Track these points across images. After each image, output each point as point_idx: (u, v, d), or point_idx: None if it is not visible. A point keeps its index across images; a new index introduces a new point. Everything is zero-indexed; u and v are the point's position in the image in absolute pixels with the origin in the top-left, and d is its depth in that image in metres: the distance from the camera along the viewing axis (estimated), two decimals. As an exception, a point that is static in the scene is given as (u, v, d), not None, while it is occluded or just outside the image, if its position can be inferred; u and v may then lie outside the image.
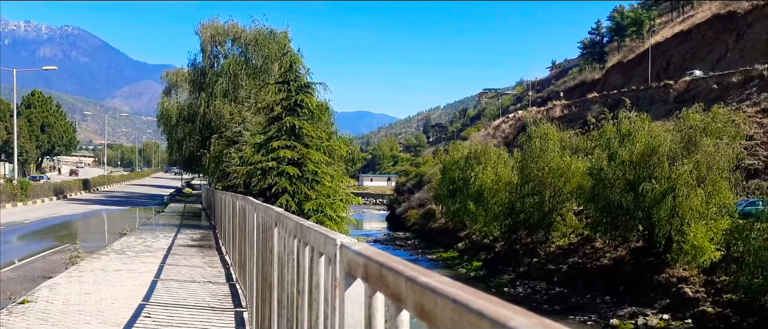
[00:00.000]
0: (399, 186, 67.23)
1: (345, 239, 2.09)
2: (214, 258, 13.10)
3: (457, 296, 0.99)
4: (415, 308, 1.18)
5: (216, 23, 34.76)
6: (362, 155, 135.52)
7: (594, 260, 25.05)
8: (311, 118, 17.52)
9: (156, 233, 18.82)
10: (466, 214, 34.35)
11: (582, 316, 20.56)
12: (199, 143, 35.10)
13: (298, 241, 3.15)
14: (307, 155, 16.63)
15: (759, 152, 31.71)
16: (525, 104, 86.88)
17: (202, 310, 7.79)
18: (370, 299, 1.66)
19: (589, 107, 53.28)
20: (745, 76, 41.01)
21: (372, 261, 1.57)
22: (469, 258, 32.55)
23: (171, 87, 41.50)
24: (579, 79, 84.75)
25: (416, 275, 1.22)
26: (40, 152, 72.76)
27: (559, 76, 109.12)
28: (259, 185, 16.56)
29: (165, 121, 40.64)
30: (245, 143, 20.86)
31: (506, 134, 62.76)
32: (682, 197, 20.65)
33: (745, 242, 18.23)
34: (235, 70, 32.54)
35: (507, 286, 25.96)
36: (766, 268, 17.16)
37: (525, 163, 29.41)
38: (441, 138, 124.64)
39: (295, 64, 17.66)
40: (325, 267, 2.45)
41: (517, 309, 0.87)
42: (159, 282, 9.98)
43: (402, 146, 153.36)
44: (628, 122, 23.81)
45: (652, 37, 69.62)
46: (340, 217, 17.24)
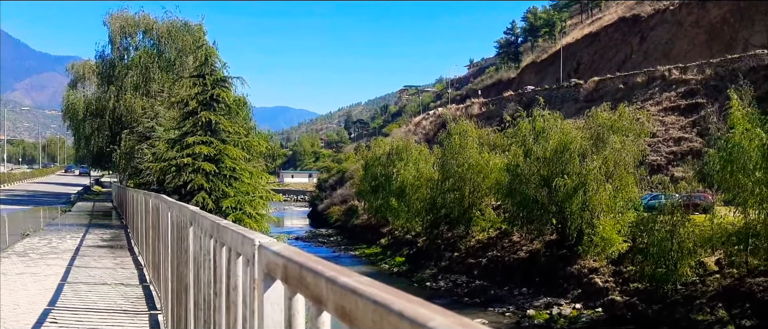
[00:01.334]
0: (321, 183, 66.95)
1: (264, 240, 2.03)
2: (127, 258, 12.56)
3: (378, 297, 0.98)
4: (336, 309, 1.17)
5: (126, 14, 33.30)
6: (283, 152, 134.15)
7: (511, 253, 25.94)
8: (228, 113, 17.12)
9: (62, 233, 17.80)
10: (389, 210, 34.68)
11: (500, 308, 21.26)
12: (109, 138, 33.54)
13: (215, 241, 3.05)
14: (225, 151, 16.24)
15: (661, 148, 33.92)
16: (445, 102, 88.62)
17: (114, 314, 7.45)
18: (290, 300, 1.63)
19: (505, 105, 55.00)
20: (649, 76, 43.63)
21: (292, 262, 1.54)
22: (391, 254, 32.89)
23: (77, 80, 39.39)
24: (495, 77, 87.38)
25: (336, 275, 1.20)
26: (-71, 149, 67.24)
27: (477, 74, 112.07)
28: (174, 182, 16.03)
29: (71, 115, 38.56)
30: (158, 139, 20.13)
31: (427, 131, 63.74)
32: (592, 191, 21.73)
33: (649, 234, 19.42)
34: (146, 62, 31.32)
35: (429, 281, 26.43)
36: (668, 258, 18.35)
37: (445, 159, 30.01)
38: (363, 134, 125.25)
39: (210, 57, 17.20)
40: (243, 268, 2.38)
41: (437, 309, 0.88)
42: (66, 285, 9.46)
43: (323, 142, 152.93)
44: (541, 120, 24.80)
45: (563, 38, 72.82)
46: (260, 214, 16.97)
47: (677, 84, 40.43)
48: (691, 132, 35.11)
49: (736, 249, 18.22)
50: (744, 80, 27.76)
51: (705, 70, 39.93)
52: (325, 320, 1.38)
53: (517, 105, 48.91)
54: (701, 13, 52.54)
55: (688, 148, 33.46)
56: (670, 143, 34.65)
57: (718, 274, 18.54)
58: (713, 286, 18.06)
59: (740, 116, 18.34)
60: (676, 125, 36.30)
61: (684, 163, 31.20)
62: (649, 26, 58.41)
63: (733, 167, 17.84)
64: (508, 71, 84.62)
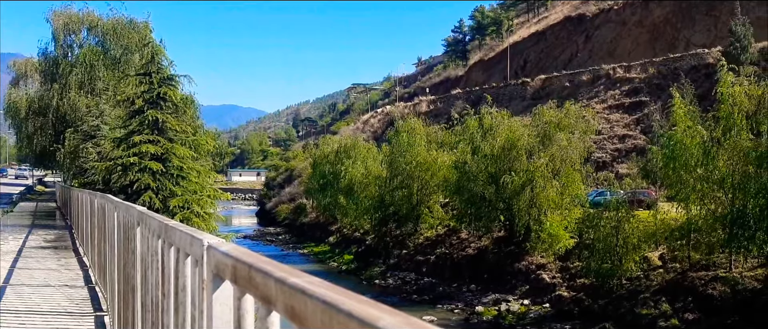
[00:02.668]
0: (269, 181, 66.29)
1: (212, 240, 2.03)
2: (71, 259, 12.20)
3: (327, 297, 1.00)
4: (286, 309, 1.18)
5: (69, 11, 32.23)
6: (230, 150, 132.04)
7: (460, 250, 26.29)
8: (175, 111, 16.77)
9: (4, 235, 17.08)
10: (337, 208, 34.64)
11: (449, 305, 21.51)
12: (53, 137, 32.37)
13: (163, 242, 3.02)
14: (172, 150, 15.91)
15: (606, 145, 34.97)
16: (393, 99, 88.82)
17: (58, 316, 7.25)
18: (239, 301, 1.63)
19: (453, 103, 55.61)
20: (594, 75, 44.91)
21: (240, 262, 1.54)
22: (340, 252, 32.86)
23: (19, 78, 37.92)
24: (444, 75, 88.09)
25: (285, 276, 1.21)
26: None
27: (424, 72, 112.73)
28: (120, 181, 15.62)
29: (13, 114, 37.08)
30: (104, 138, 19.56)
31: (375, 129, 63.89)
32: (539, 188, 22.21)
33: (595, 230, 19.90)
34: (91, 60, 30.40)
35: (378, 278, 26.53)
36: (614, 254, 18.86)
37: (393, 157, 30.14)
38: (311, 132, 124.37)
39: (157, 55, 16.82)
40: (191, 268, 2.37)
41: (386, 309, 0.90)
42: (8, 287, 9.13)
43: (271, 140, 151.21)
44: (489, 117, 25.21)
45: (511, 37, 74.10)
46: (208, 214, 16.70)
47: (621, 82, 41.72)
48: (635, 130, 36.28)
49: (678, 244, 18.83)
50: (686, 79, 28.92)
51: (648, 69, 41.37)
52: (275, 320, 1.38)
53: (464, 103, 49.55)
54: (644, 13, 54.28)
55: (632, 145, 34.54)
56: (615, 141, 35.76)
57: (661, 269, 19.14)
58: (657, 281, 18.61)
59: (682, 114, 18.94)
60: (620, 123, 37.48)
61: (628, 160, 32.17)
62: (594, 25, 60.03)
63: (676, 163, 18.39)
64: (456, 69, 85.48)
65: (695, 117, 19.02)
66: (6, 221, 22.89)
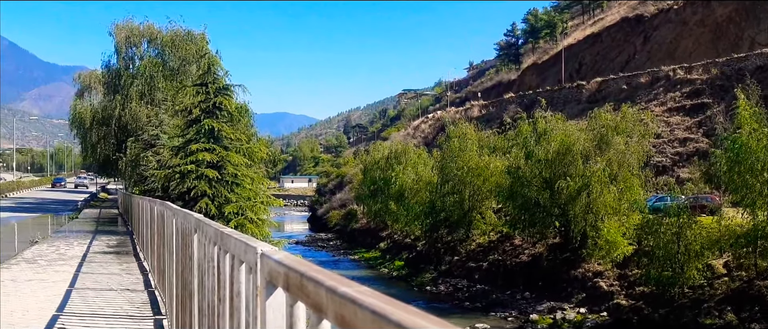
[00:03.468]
0: (320, 187, 67.01)
1: (266, 248, 2.06)
2: (132, 264, 12.63)
3: (377, 306, 1.00)
4: (336, 318, 1.19)
5: (131, 24, 33.52)
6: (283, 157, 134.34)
7: (513, 257, 25.88)
8: (230, 120, 17.19)
9: (70, 240, 17.89)
10: (388, 214, 34.66)
11: (503, 312, 21.18)
12: (115, 146, 33.70)
13: (219, 248, 3.09)
14: (227, 157, 16.29)
15: (666, 149, 33.79)
16: (444, 105, 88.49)
17: (119, 319, 7.52)
18: (291, 308, 1.65)
19: (505, 107, 54.94)
20: (653, 76, 43.53)
21: (292, 271, 1.56)
22: (391, 258, 32.85)
23: (84, 89, 39.64)
24: (496, 79, 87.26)
25: (336, 285, 1.22)
26: (-63, 158, 67.59)
27: (476, 76, 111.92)
28: (178, 189, 16.09)
29: (78, 124, 38.78)
30: (163, 146, 20.22)
31: (426, 134, 63.71)
32: (595, 194, 21.65)
33: (655, 237, 19.23)
34: (151, 72, 31.52)
35: (429, 285, 26.38)
36: (675, 261, 18.21)
37: (444, 162, 29.97)
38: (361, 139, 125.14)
39: (213, 66, 17.28)
40: (246, 275, 2.42)
41: (434, 319, 0.89)
42: (74, 291, 9.54)
43: (322, 147, 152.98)
44: (543, 121, 24.75)
45: (565, 40, 72.72)
46: (262, 220, 17.01)
47: (682, 84, 40.30)
48: (697, 133, 34.95)
49: (744, 251, 18.07)
50: (751, 79, 27.64)
51: (710, 69, 39.81)
52: (326, 328, 1.39)
53: (517, 107, 48.91)
54: (706, 12, 52.30)
55: (694, 149, 33.29)
56: (675, 144, 34.53)
57: (726, 277, 18.38)
58: (721, 289, 17.89)
59: (747, 116, 18.24)
60: (681, 126, 36.18)
61: (690, 164, 31.07)
62: (653, 26, 58.24)
63: (741, 167, 17.72)
64: (509, 73, 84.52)
65: (761, 119, 18.25)
66: (72, 226, 23.96)
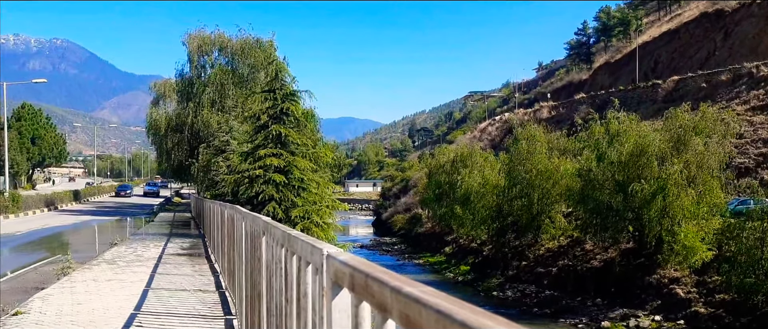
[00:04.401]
0: (385, 191, 67.26)
1: (331, 249, 2.10)
2: (204, 266, 13.05)
3: (441, 306, 1.00)
4: (401, 318, 1.20)
5: (203, 33, 34.77)
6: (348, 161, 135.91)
7: (584, 262, 25.15)
8: (297, 125, 17.49)
9: (146, 242, 18.73)
10: (453, 218, 34.37)
11: (573, 319, 20.60)
12: (188, 152, 35.02)
13: (286, 250, 3.14)
14: (293, 162, 16.59)
15: (749, 150, 31.97)
16: (511, 106, 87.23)
17: (192, 318, 7.77)
18: (356, 308, 1.67)
19: (576, 108, 53.59)
20: (734, 74, 41.38)
21: (358, 271, 1.59)
22: (456, 262, 32.57)
23: (159, 97, 41.42)
24: (566, 80, 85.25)
25: (401, 285, 1.23)
26: (30, 165, 72.14)
27: (545, 77, 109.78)
28: (247, 193, 16.52)
29: (154, 131, 40.53)
30: (233, 152, 20.82)
31: (493, 137, 62.96)
32: (672, 197, 20.76)
33: (737, 242, 18.23)
34: (221, 79, 32.56)
35: (496, 290, 25.98)
36: (758, 267, 17.21)
37: (512, 165, 29.45)
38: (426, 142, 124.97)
39: (280, 72, 17.65)
40: (312, 276, 2.45)
41: (500, 320, 0.89)
42: (150, 291, 9.95)
43: (387, 151, 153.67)
44: (616, 122, 23.93)
45: (640, 37, 70.21)
46: (327, 223, 17.21)
47: (766, 81, 38.17)
48: (783, 133, 32.93)
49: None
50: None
51: (797, 66, 37.52)
52: (390, 328, 1.40)
53: (589, 108, 47.59)
54: (792, 6, 49.36)
55: (779, 149, 31.39)
56: (759, 145, 32.62)
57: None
58: (811, 297, 16.83)
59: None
60: (765, 125, 34.19)
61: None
62: (734, 21, 55.32)
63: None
64: (580, 73, 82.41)
65: None
66: (148, 229, 25.06)
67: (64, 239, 24.24)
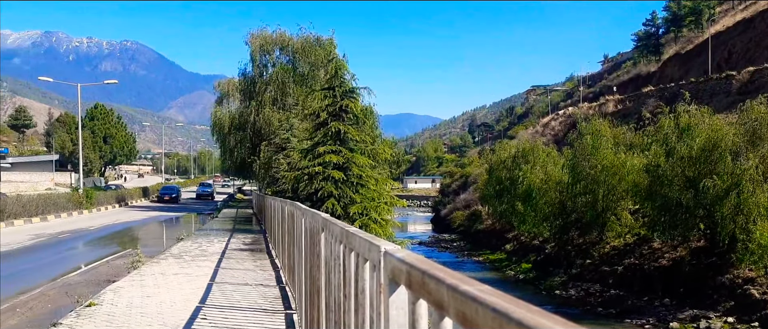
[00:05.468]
0: (444, 188, 66.92)
1: (389, 246, 2.10)
2: (265, 261, 13.34)
3: (498, 305, 1.00)
4: (457, 316, 1.20)
5: (265, 33, 35.43)
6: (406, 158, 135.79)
7: (652, 261, 24.28)
8: (356, 122, 17.61)
9: (210, 237, 19.32)
10: (514, 215, 33.85)
11: (639, 319, 19.93)
12: (250, 150, 35.82)
13: (344, 247, 3.16)
14: (352, 159, 16.71)
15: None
16: (575, 100, 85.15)
17: (254, 312, 7.96)
18: (413, 305, 1.68)
19: (644, 102, 51.82)
20: (815, 65, 39.00)
21: (415, 269, 1.59)
22: (517, 260, 32.06)
23: (223, 97, 42.55)
24: (633, 72, 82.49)
25: (457, 283, 1.23)
26: (103, 162, 75.73)
27: (611, 70, 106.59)
28: (306, 189, 16.76)
29: (218, 129, 41.68)
30: (293, 149, 21.16)
31: (556, 132, 61.65)
32: (747, 193, 19.75)
33: (818, 241, 17.22)
34: (282, 78, 33.12)
35: (558, 288, 25.44)
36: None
37: (576, 161, 28.73)
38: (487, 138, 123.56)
39: (340, 70, 17.79)
40: (369, 272, 2.46)
41: (558, 319, 0.87)
42: (214, 285, 10.25)
43: (446, 147, 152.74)
44: (686, 115, 22.96)
45: (712, 27, 67.08)
46: (385, 220, 17.24)
47: None
48: None
49: None
50: None
51: None
52: (447, 326, 1.40)
53: (657, 101, 45.93)
54: None
55: None
56: (840, 139, 30.65)
57: None
58: None
59: None
60: None
61: None
62: (813, 9, 52.18)
63: None
64: (648, 65, 79.52)
65: None
66: (212, 225, 25.83)
67: (133, 234, 25.29)
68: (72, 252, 18.73)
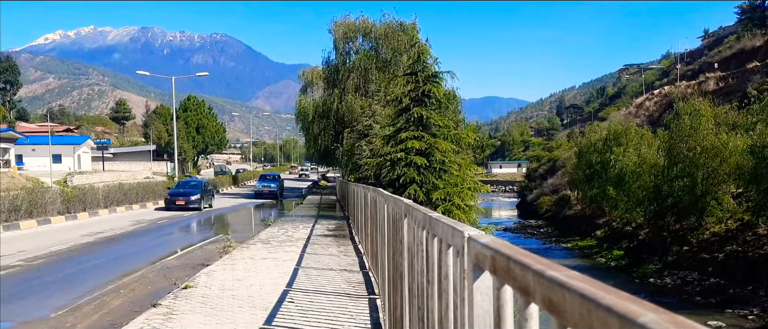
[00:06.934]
0: (530, 172, 65.48)
1: (472, 232, 2.09)
2: (349, 247, 13.58)
3: (586, 290, 0.97)
4: (544, 301, 1.19)
5: (348, 20, 35.73)
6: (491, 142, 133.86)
7: (756, 248, 22.76)
8: (439, 107, 17.50)
9: (296, 223, 19.90)
10: (605, 199, 32.69)
11: (741, 309, 18.77)
12: (333, 137, 36.43)
13: (427, 233, 3.16)
14: (435, 144, 16.65)
15: None
16: (672, 79, 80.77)
17: (339, 296, 8.13)
18: (498, 291, 1.67)
19: (748, 78, 48.48)
20: None
21: (499, 254, 1.59)
22: (608, 247, 30.96)
23: (307, 85, 43.45)
24: (736, 47, 77.01)
25: (543, 268, 1.22)
26: (195, 152, 79.53)
27: (712, 45, 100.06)
28: (389, 176, 16.85)
29: (302, 118, 42.62)
30: (375, 136, 21.36)
31: (650, 112, 58.92)
32: None
33: None
34: (365, 65, 33.32)
35: (653, 276, 24.38)
36: None
37: (673, 143, 27.32)
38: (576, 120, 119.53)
39: (422, 55, 17.72)
40: (453, 258, 2.46)
41: (649, 305, 0.84)
42: (300, 269, 10.56)
43: (533, 130, 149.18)
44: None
45: (823, -4, 61.54)
46: (469, 206, 17.08)
47: None
48: None
49: None
50: None
51: None
52: (533, 311, 1.38)
53: (763, 77, 42.92)
54: None
55: None
56: None
57: None
58: None
59: None
60: None
61: None
62: None
63: None
64: (753, 39, 73.98)
65: None
66: (297, 211, 26.58)
67: (224, 221, 26.41)
68: (169, 237, 19.83)
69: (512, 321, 1.61)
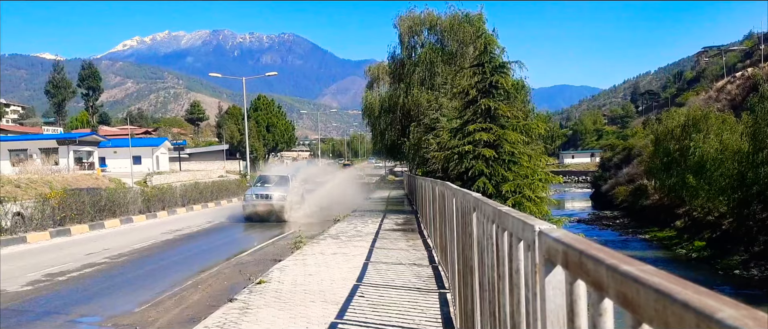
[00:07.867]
0: (604, 162, 63.44)
1: (543, 226, 2.08)
2: (417, 241, 13.61)
3: (661, 285, 0.96)
4: (617, 296, 1.18)
5: (413, 14, 35.58)
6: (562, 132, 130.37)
7: None
8: (507, 98, 17.22)
9: (365, 218, 20.12)
10: (685, 188, 31.30)
11: (838, 302, 17.59)
12: (399, 131, 36.46)
13: (497, 227, 3.15)
14: (503, 136, 16.40)
15: None
16: (756, 60, 76.31)
17: (408, 291, 8.17)
18: (570, 286, 1.66)
19: (839, 57, 45.19)
20: None
21: (571, 249, 1.57)
22: (689, 237, 29.63)
23: (373, 81, 43.72)
24: (825, 25, 71.99)
25: (617, 263, 1.20)
26: (266, 150, 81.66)
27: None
28: (456, 169, 16.74)
29: (368, 113, 42.89)
30: (442, 129, 21.25)
31: (732, 96, 55.96)
32: None
33: None
34: (431, 58, 33.12)
35: (738, 268, 23.18)
36: None
37: (758, 127, 25.85)
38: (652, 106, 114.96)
39: (489, 45, 17.48)
40: (524, 253, 2.45)
41: (727, 300, 0.82)
42: (370, 264, 10.68)
43: (606, 118, 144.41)
44: None
45: None
46: (540, 197, 16.73)
47: None
48: None
49: None
50: None
51: None
52: (607, 306, 1.36)
53: None
54: None
55: None
56: None
57: None
58: None
59: None
60: None
61: None
62: None
63: None
64: (844, 15, 68.99)
65: None
66: (366, 207, 26.83)
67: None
68: (242, 234, 20.48)
69: (586, 315, 1.60)
